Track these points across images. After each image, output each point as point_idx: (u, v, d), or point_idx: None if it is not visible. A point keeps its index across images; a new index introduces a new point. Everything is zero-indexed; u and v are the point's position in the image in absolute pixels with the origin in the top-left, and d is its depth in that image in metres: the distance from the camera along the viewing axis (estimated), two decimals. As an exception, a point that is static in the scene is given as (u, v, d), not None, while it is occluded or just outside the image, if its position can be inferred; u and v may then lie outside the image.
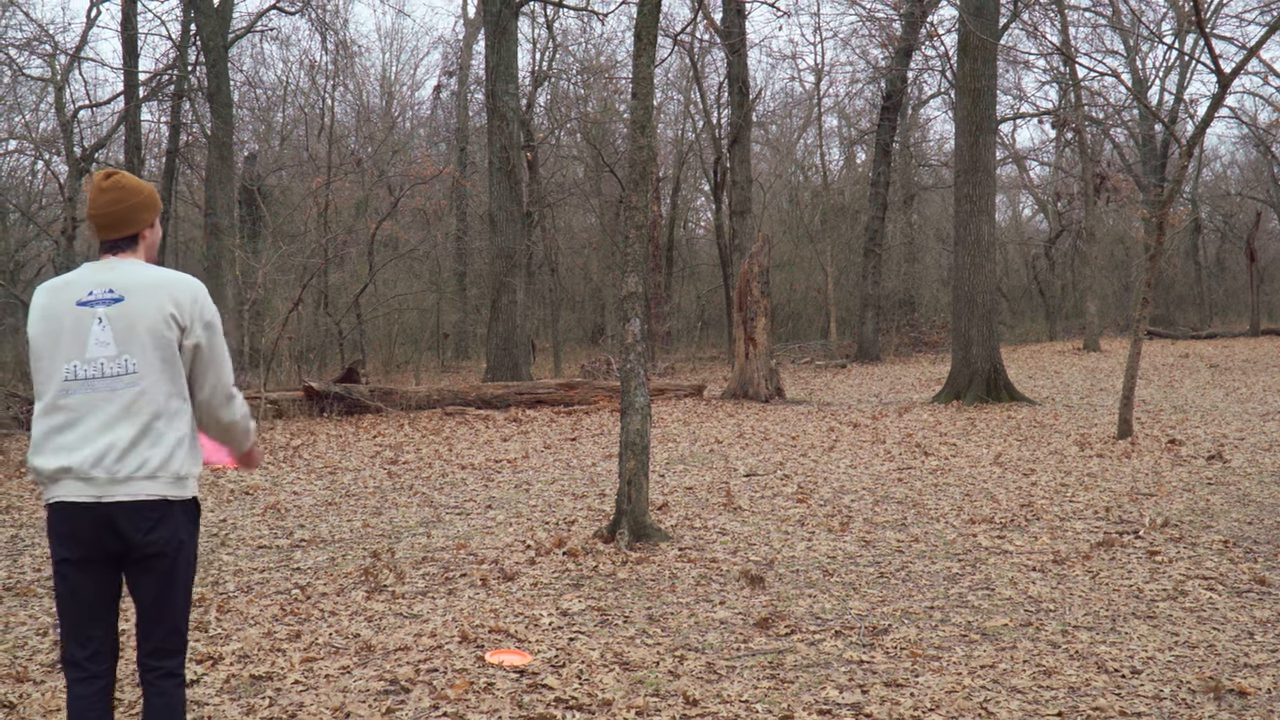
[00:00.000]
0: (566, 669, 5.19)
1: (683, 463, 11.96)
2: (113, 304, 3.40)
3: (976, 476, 10.73)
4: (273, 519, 9.11)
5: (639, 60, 8.47)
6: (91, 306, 3.40)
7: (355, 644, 5.61)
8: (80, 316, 3.39)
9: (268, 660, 5.37)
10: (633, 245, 8.25)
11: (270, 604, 6.38)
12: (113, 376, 3.39)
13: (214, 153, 23.22)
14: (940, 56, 35.24)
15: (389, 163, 28.47)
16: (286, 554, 7.76)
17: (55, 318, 3.40)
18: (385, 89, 41.05)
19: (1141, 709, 4.61)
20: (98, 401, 3.38)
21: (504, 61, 21.35)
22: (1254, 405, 16.96)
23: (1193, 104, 41.07)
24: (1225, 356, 29.09)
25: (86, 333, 3.38)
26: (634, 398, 8.06)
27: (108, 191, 3.49)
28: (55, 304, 3.42)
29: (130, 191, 3.52)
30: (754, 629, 5.80)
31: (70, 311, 3.40)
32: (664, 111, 36.56)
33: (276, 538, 8.35)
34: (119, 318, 3.40)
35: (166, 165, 27.98)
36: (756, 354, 18.78)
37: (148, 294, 3.45)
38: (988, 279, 18.37)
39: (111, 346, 3.39)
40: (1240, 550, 7.45)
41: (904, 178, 38.32)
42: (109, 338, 3.39)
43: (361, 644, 5.60)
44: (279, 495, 10.25)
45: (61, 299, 3.41)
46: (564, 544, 7.76)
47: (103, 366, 3.38)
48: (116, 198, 3.49)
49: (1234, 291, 47.54)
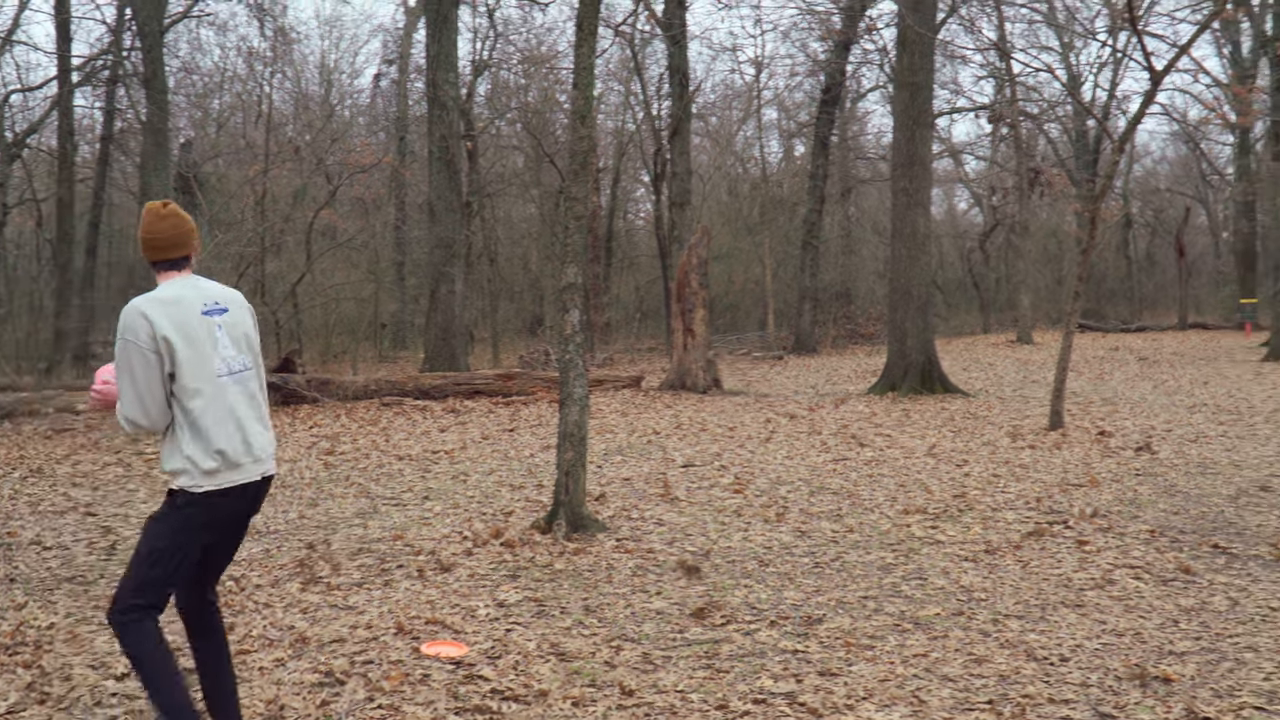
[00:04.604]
0: (503, 660, 5.19)
1: (620, 454, 11.99)
2: (222, 314, 4.13)
3: (911, 467, 10.85)
4: (206, 510, 9.01)
5: (580, 50, 8.46)
6: (210, 315, 4.07)
7: (290, 636, 5.58)
8: (208, 324, 4.05)
9: (201, 652, 5.32)
10: (572, 236, 8.25)
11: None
12: (239, 372, 4.13)
13: (149, 139, 22.85)
14: (879, 50, 35.49)
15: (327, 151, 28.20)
16: (220, 545, 7.69)
17: (188, 325, 3.98)
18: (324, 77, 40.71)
19: (1069, 696, 4.69)
20: (239, 395, 4.10)
21: (444, 50, 21.25)
22: (1181, 397, 17.27)
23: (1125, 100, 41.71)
24: (1154, 349, 29.58)
25: (216, 338, 4.06)
26: (572, 389, 8.06)
27: (167, 219, 4.12)
28: (180, 315, 3.98)
29: (183, 219, 4.16)
30: (690, 619, 5.83)
31: (199, 320, 4.02)
32: (604, 102, 36.56)
33: (210, 529, 8.25)
34: (230, 325, 4.14)
35: (100, 152, 27.57)
36: (695, 345, 18.84)
37: (238, 307, 4.22)
38: (923, 272, 18.55)
39: (231, 349, 4.11)
40: (1166, 540, 7.59)
41: (842, 171, 38.57)
42: (228, 342, 4.11)
43: (296, 636, 5.57)
44: (213, 486, 10.13)
45: (184, 311, 3.99)
46: (501, 535, 7.76)
47: (231, 363, 4.10)
48: (175, 224, 4.12)
49: (1163, 285, 48.29)
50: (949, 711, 4.53)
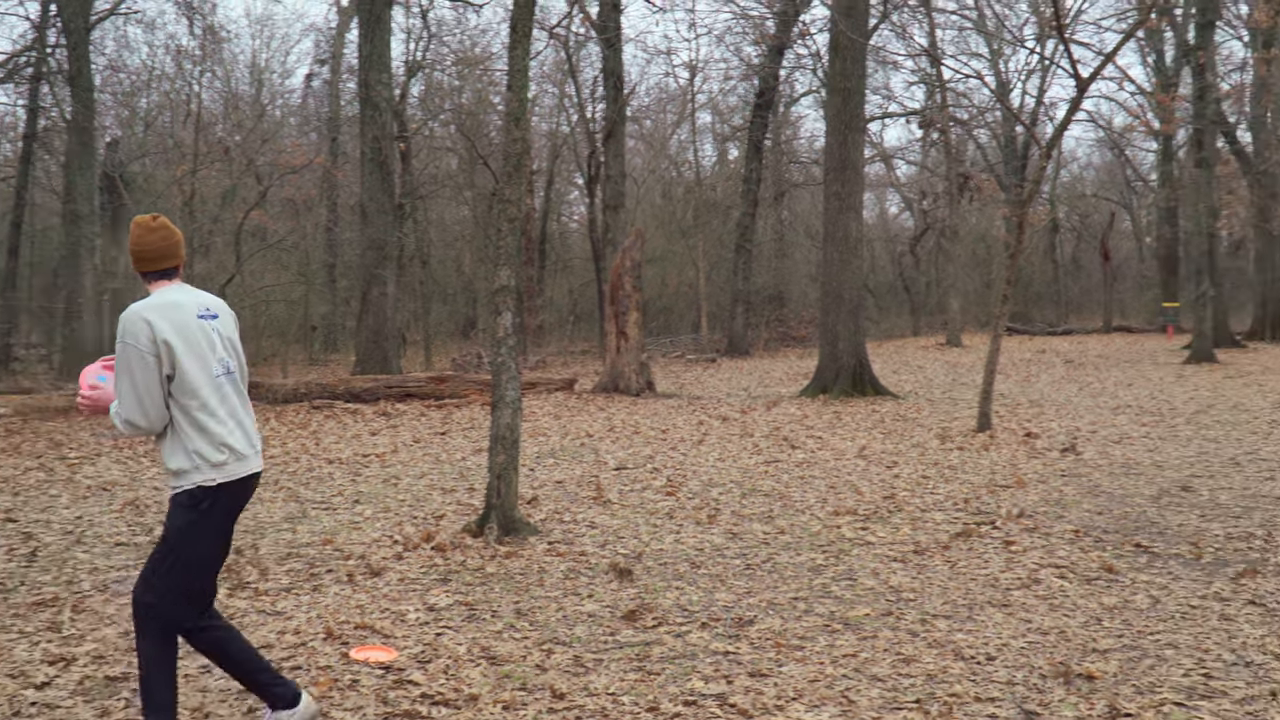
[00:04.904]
0: (433, 664, 5.16)
1: (553, 456, 11.97)
2: (213, 319, 4.34)
3: (841, 469, 10.93)
4: (131, 515, 8.89)
5: (514, 52, 8.44)
6: (204, 320, 4.29)
7: (217, 641, 5.51)
8: (204, 328, 4.27)
9: (124, 660, 5.24)
10: (506, 238, 8.23)
11: (127, 603, 6.23)
12: (231, 373, 4.36)
13: (74, 138, 22.48)
14: (812, 55, 35.77)
15: (258, 151, 27.91)
16: (145, 551, 7.57)
17: (187, 329, 4.19)
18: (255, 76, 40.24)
19: (995, 694, 4.75)
20: (233, 393, 4.33)
21: (377, 51, 21.11)
22: (1105, 399, 17.55)
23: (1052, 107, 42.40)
24: (1079, 352, 30.05)
25: (212, 340, 4.28)
26: (505, 391, 8.04)
27: (157, 231, 4.32)
28: (181, 319, 4.18)
29: (172, 230, 4.37)
30: (621, 621, 5.84)
31: (197, 324, 4.24)
32: (539, 104, 36.51)
33: (135, 535, 8.14)
34: (220, 330, 4.36)
35: (23, 150, 27.04)
36: (628, 348, 18.86)
37: (225, 314, 4.46)
38: (855, 275, 18.70)
39: (222, 351, 4.33)
40: (1090, 539, 7.71)
41: (775, 174, 38.80)
42: (220, 344, 4.33)
43: (223, 641, 5.50)
44: (138, 491, 10.00)
45: (183, 316, 4.19)
46: (432, 539, 7.72)
47: (226, 364, 4.33)
48: (164, 235, 4.32)
49: (1089, 289, 49.11)
50: (877, 711, 4.57)
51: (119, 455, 12.18)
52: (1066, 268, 49.71)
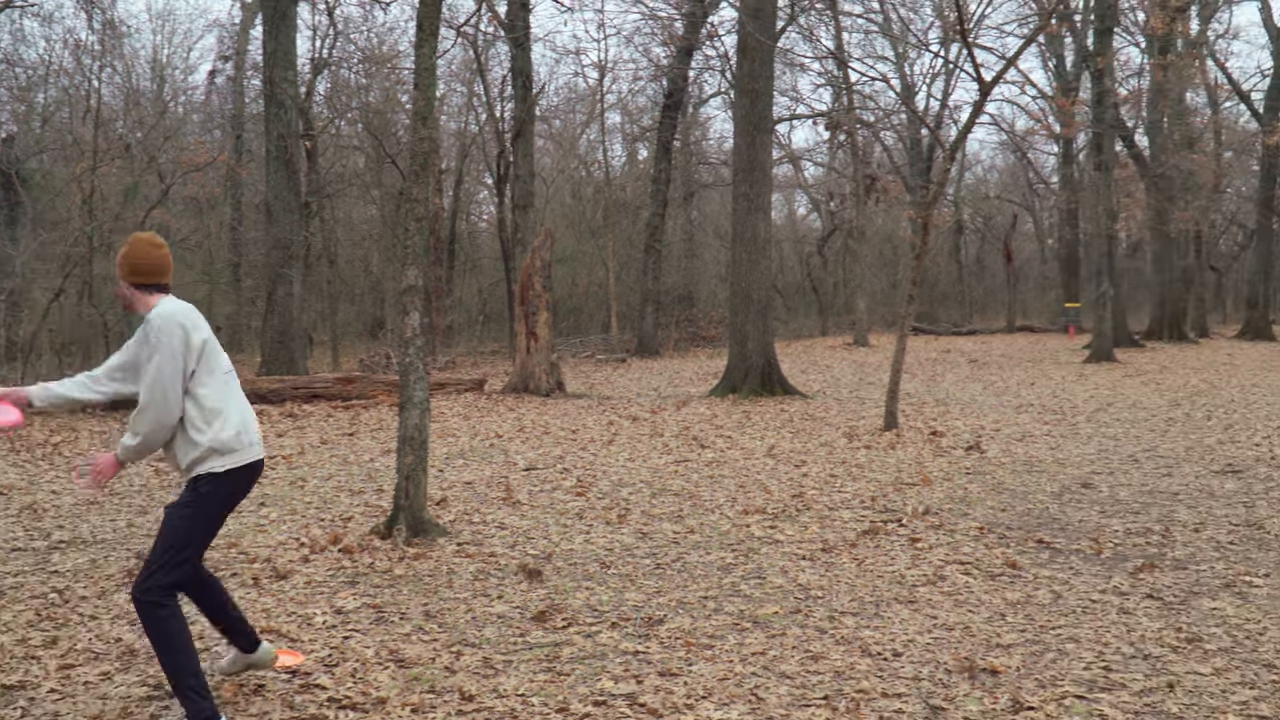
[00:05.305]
0: (340, 668, 5.11)
1: (462, 457, 11.90)
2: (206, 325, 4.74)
3: (751, 468, 11.00)
4: (29, 520, 8.67)
5: (421, 51, 8.38)
6: None
7: (117, 649, 5.40)
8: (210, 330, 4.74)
9: (20, 669, 5.12)
10: (413, 237, 8.16)
11: (25, 609, 6.08)
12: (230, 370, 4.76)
13: (-34, 134, 21.91)
14: (720, 57, 35.92)
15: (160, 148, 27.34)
16: (44, 556, 7.40)
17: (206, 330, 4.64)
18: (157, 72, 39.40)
19: (901, 690, 4.81)
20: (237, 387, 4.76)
21: (282, 48, 20.81)
22: (1009, 398, 17.88)
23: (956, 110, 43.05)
24: (984, 352, 30.57)
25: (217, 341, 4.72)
26: (413, 392, 7.98)
27: (160, 247, 4.75)
28: (202, 321, 4.65)
29: (166, 249, 4.80)
30: (531, 622, 5.82)
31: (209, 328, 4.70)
32: (447, 103, 36.25)
33: (33, 539, 7.95)
34: None
35: (-87, 146, 26.22)
36: (538, 348, 18.81)
37: None
38: (764, 275, 18.82)
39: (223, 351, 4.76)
40: (994, 536, 7.85)
41: (684, 175, 38.93)
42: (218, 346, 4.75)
43: (124, 649, 5.39)
44: (36, 495, 9.76)
45: (201, 320, 4.66)
46: (339, 541, 7.63)
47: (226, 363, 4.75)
48: (164, 254, 4.76)
49: (992, 290, 49.99)
50: (786, 708, 4.60)
51: (15, 459, 11.88)
52: (971, 268, 50.54)
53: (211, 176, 30.11)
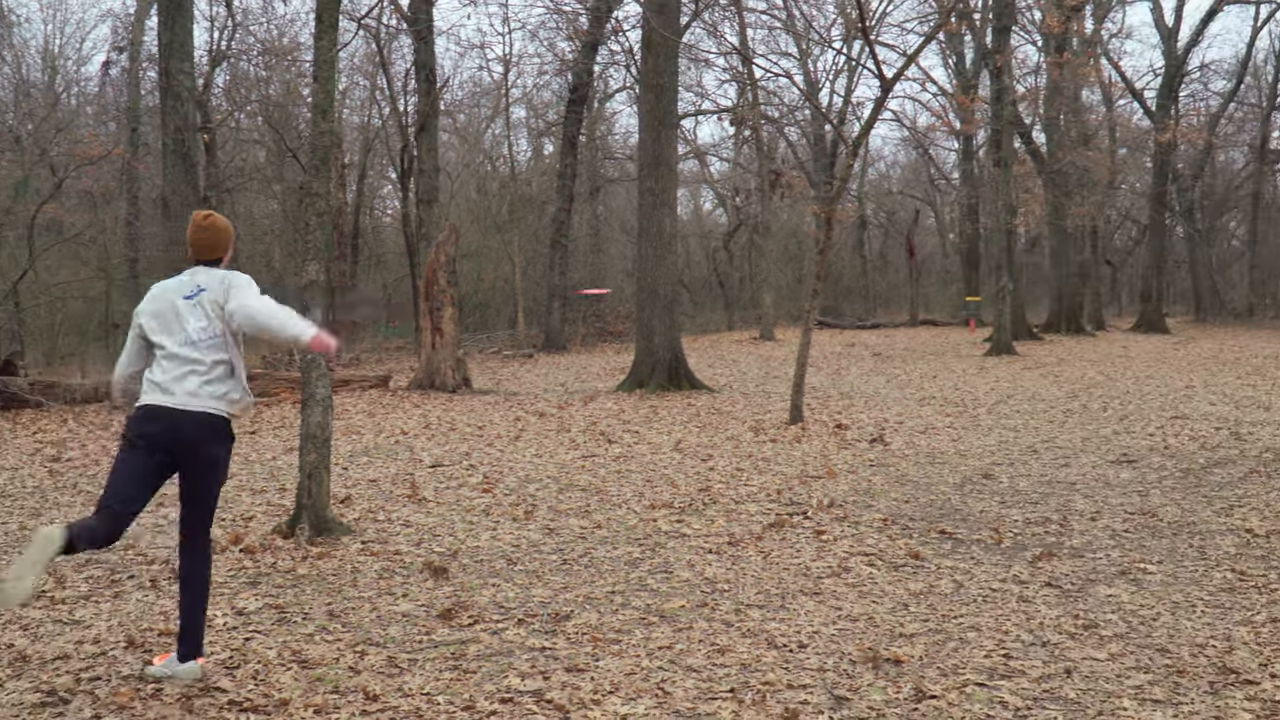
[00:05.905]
0: (241, 670, 5.01)
1: (367, 455, 11.77)
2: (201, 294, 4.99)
3: (658, 463, 11.02)
4: (-85, 524, 8.41)
5: (320, 43, 8.27)
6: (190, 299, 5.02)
7: (9, 655, 5.25)
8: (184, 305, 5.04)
9: (-93, 676, 4.95)
10: (314, 232, 8.05)
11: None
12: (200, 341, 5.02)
13: None
14: (625, 52, 35.93)
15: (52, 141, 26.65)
16: (-69, 561, 7.18)
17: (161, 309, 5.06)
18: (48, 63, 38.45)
19: (807, 681, 4.84)
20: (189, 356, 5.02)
21: (179, 39, 20.37)
22: (912, 391, 18.13)
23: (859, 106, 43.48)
24: (887, 345, 30.96)
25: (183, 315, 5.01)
26: (315, 389, 7.86)
27: (205, 230, 5.05)
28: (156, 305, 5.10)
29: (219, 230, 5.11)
30: (437, 620, 5.76)
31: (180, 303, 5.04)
32: (350, 97, 35.84)
33: (-81, 544, 7.71)
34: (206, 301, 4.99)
35: None
36: (443, 344, 18.67)
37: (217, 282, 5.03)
38: (670, 270, 18.87)
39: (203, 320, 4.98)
40: (898, 527, 7.94)
41: (590, 170, 38.91)
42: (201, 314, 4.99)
43: (16, 654, 5.24)
44: (-78, 498, 9.47)
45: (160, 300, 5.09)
46: (240, 541, 7.50)
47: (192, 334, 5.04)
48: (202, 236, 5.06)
49: (895, 284, 50.62)
50: (693, 701, 4.61)
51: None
52: (874, 263, 51.15)
53: (106, 170, 29.45)
